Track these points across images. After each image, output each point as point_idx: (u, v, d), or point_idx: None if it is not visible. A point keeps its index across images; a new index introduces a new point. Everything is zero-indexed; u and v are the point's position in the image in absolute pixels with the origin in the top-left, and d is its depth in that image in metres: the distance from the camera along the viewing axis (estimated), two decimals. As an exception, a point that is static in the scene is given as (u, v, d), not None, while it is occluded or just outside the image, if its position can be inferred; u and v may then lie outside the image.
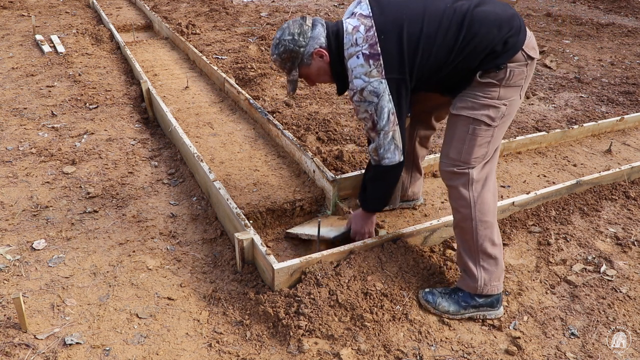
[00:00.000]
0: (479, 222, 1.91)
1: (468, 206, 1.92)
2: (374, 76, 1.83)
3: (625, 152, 3.42)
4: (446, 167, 1.95)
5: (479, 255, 1.95)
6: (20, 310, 1.78)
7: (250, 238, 2.10)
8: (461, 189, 1.91)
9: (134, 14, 6.75)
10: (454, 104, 1.93)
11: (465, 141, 1.89)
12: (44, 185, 2.73)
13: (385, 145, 1.94)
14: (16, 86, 4.03)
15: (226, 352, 1.79)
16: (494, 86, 1.84)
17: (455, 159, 1.91)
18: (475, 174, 1.91)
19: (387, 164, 1.97)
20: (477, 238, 1.92)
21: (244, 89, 4.13)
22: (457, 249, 2.02)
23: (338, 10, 7.32)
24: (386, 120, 1.88)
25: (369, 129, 1.94)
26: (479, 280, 1.95)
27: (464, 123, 1.89)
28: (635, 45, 6.04)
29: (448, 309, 1.97)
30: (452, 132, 1.94)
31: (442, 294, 2.00)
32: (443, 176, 2.00)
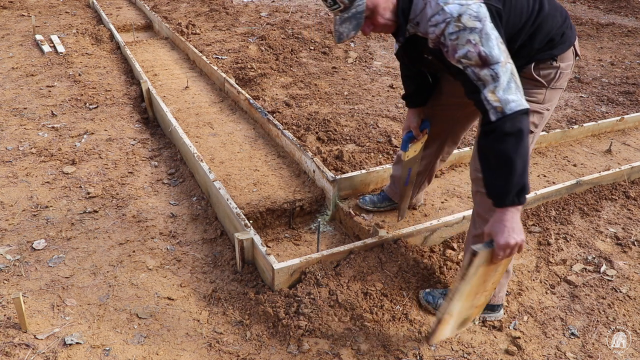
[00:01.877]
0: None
1: None
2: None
3: (625, 152, 3.42)
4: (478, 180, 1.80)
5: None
6: (20, 310, 1.78)
7: (250, 238, 2.10)
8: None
9: (134, 14, 6.75)
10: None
11: None
12: (44, 185, 2.73)
13: (504, 83, 1.49)
14: (16, 86, 4.03)
15: (226, 352, 1.79)
16: (541, 87, 1.77)
17: None
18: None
19: (515, 109, 1.48)
20: None
21: (244, 89, 4.13)
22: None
23: (338, 10, 7.31)
24: (497, 48, 1.49)
25: (477, 66, 1.50)
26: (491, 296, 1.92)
27: None
28: (635, 45, 6.04)
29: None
30: None
31: (443, 295, 2.00)
32: (477, 184, 1.85)
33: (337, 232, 2.55)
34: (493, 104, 1.50)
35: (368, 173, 2.70)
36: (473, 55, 1.49)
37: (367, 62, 5.10)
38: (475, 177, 1.89)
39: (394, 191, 2.51)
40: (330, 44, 5.51)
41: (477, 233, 1.91)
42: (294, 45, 5.32)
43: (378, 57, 5.29)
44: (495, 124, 1.50)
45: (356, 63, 5.06)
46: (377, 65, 5.03)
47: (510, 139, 1.50)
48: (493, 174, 1.56)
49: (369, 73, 4.79)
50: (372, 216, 2.56)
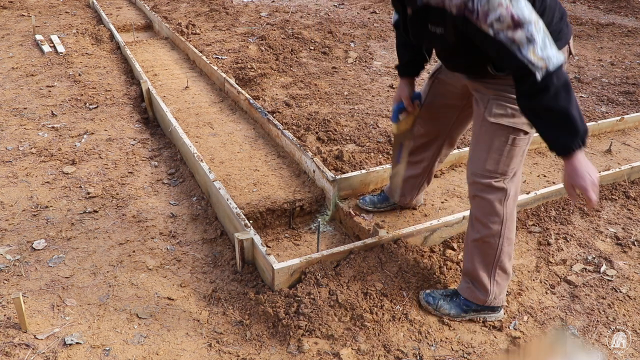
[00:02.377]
0: (506, 239, 1.89)
1: (500, 223, 1.86)
2: None
3: (625, 152, 3.42)
4: (482, 179, 1.82)
5: (495, 271, 1.92)
6: (20, 310, 1.78)
7: (250, 238, 2.10)
8: (496, 204, 1.83)
9: (134, 14, 6.75)
10: (490, 109, 1.78)
11: (504, 152, 1.77)
12: (44, 185, 2.73)
13: (540, 42, 1.47)
14: (16, 86, 4.03)
15: (226, 352, 1.79)
16: None
17: (493, 171, 1.80)
18: (512, 190, 1.84)
19: (557, 64, 1.49)
20: (499, 254, 1.89)
21: (244, 89, 4.13)
22: (471, 261, 1.94)
23: (338, 11, 7.32)
24: (527, 9, 1.47)
25: (509, 29, 1.47)
26: (490, 295, 1.93)
27: (503, 132, 1.76)
28: (635, 45, 6.04)
29: (449, 311, 1.96)
30: (488, 142, 1.79)
31: (443, 296, 1.99)
32: (475, 188, 1.85)
33: (337, 232, 2.55)
34: (538, 64, 1.47)
35: (368, 173, 2.70)
36: (505, 18, 1.45)
37: (367, 62, 5.10)
38: (472, 180, 1.87)
39: (394, 192, 2.51)
40: (330, 44, 5.51)
41: (475, 237, 1.90)
42: (294, 45, 5.32)
43: (378, 57, 5.29)
44: (544, 82, 1.48)
45: (356, 63, 5.06)
46: (377, 65, 5.03)
47: (561, 92, 1.50)
48: (553, 129, 1.55)
49: (369, 73, 4.79)
50: (372, 216, 2.56)
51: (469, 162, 1.89)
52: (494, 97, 1.77)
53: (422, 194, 2.56)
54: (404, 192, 2.47)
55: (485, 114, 1.79)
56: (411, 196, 2.50)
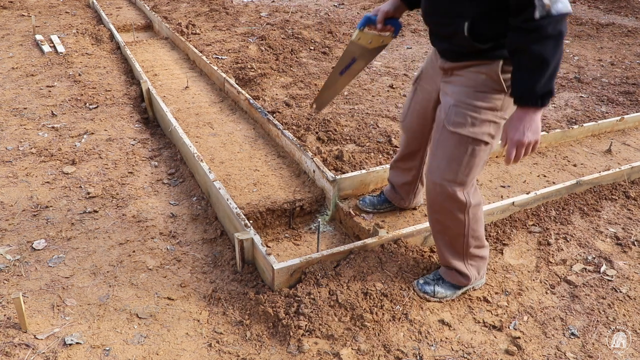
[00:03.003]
0: (471, 237, 1.93)
1: (463, 227, 1.89)
2: None
3: (625, 152, 3.42)
4: (441, 188, 1.81)
5: (467, 258, 1.99)
6: (20, 310, 1.78)
7: (250, 238, 2.10)
8: (457, 213, 1.85)
9: (134, 14, 6.75)
10: (449, 117, 1.74)
11: (463, 162, 1.75)
12: (44, 185, 2.73)
13: None
14: (16, 86, 4.03)
15: (226, 352, 1.79)
16: (499, 92, 1.69)
17: (451, 180, 1.78)
18: (474, 200, 1.84)
19: (561, 10, 1.41)
20: (467, 247, 1.95)
21: (244, 89, 4.13)
22: (442, 254, 2.00)
23: (338, 11, 7.32)
24: None
25: None
26: (471, 278, 2.02)
27: (462, 142, 1.73)
28: (635, 45, 6.04)
29: (445, 294, 2.02)
30: (447, 151, 1.76)
31: (435, 281, 2.04)
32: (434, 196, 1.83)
33: (337, 232, 2.55)
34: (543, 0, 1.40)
35: (368, 173, 2.71)
36: None
37: (367, 62, 5.09)
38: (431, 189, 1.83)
39: (393, 194, 2.52)
40: (330, 44, 5.51)
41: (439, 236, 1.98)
42: (294, 45, 5.32)
43: (378, 57, 5.29)
44: (539, 22, 1.42)
45: (356, 63, 5.05)
46: (377, 65, 5.03)
47: (550, 41, 1.44)
48: (523, 73, 1.51)
49: (369, 73, 4.79)
50: (372, 216, 2.56)
51: (427, 169, 1.86)
52: (455, 104, 1.74)
53: (420, 196, 2.56)
54: (402, 196, 2.49)
55: (445, 122, 1.76)
56: (409, 200, 2.51)
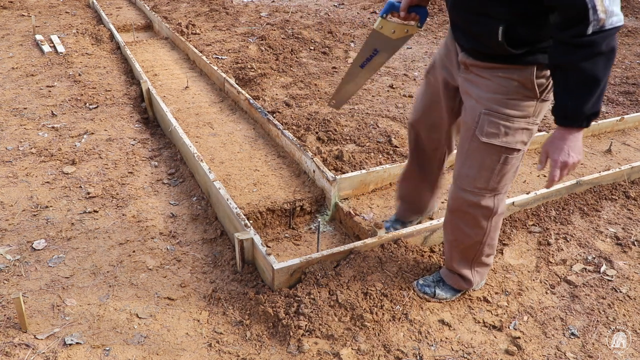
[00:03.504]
0: (487, 246, 1.93)
1: (483, 235, 1.86)
2: None
3: (625, 152, 3.42)
4: (470, 196, 1.76)
5: (475, 266, 1.99)
6: (20, 310, 1.78)
7: (250, 238, 2.10)
8: (481, 220, 1.81)
9: (134, 14, 6.75)
10: (481, 127, 1.65)
11: (495, 170, 1.70)
12: (44, 185, 2.73)
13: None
14: (16, 86, 4.03)
15: (226, 352, 1.79)
16: (532, 99, 1.61)
17: (483, 188, 1.74)
18: (500, 206, 1.80)
19: (615, 24, 1.30)
20: (479, 255, 1.95)
21: (244, 89, 4.13)
22: (450, 258, 1.99)
23: (338, 11, 7.32)
24: None
25: None
26: (473, 284, 2.04)
27: (495, 152, 1.67)
28: (635, 45, 6.04)
29: (445, 296, 2.03)
30: (479, 160, 1.70)
31: (435, 282, 2.04)
32: (460, 204, 1.79)
33: (337, 232, 2.55)
34: (599, 13, 1.26)
35: (368, 173, 2.71)
36: None
37: (367, 62, 5.09)
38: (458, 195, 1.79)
39: (402, 211, 2.41)
40: (330, 44, 5.51)
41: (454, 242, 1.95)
42: (294, 45, 5.32)
43: (378, 57, 5.28)
44: (591, 38, 1.29)
45: (356, 63, 5.05)
46: (377, 65, 5.02)
47: (602, 58, 1.32)
48: (570, 93, 1.40)
49: (369, 73, 4.78)
50: (372, 216, 2.56)
51: (456, 177, 1.80)
52: (486, 112, 1.65)
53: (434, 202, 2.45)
54: (418, 207, 2.39)
55: (476, 132, 1.68)
56: (429, 208, 2.43)
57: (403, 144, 3.30)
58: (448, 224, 1.94)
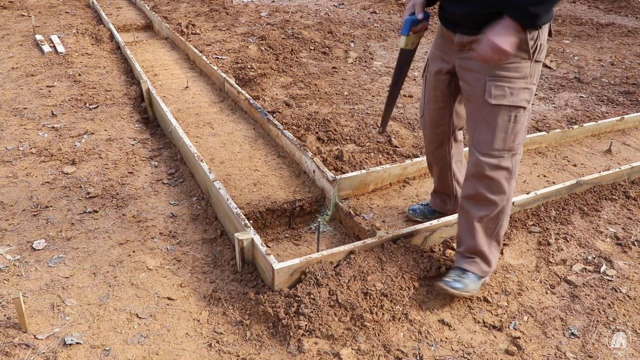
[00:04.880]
0: (506, 214, 2.02)
1: (504, 199, 1.97)
2: None
3: (625, 152, 3.42)
4: (491, 159, 1.90)
5: (492, 244, 2.06)
6: (20, 310, 1.78)
7: (250, 238, 2.10)
8: (503, 182, 1.93)
9: (134, 14, 6.75)
10: (489, 91, 1.85)
11: (509, 130, 1.87)
12: (44, 185, 2.73)
13: None
14: (16, 86, 4.03)
15: (226, 352, 1.79)
16: (525, 60, 1.82)
17: (501, 149, 1.89)
18: (516, 168, 1.94)
19: None
20: (499, 228, 2.03)
21: (244, 89, 4.13)
22: (475, 237, 2.02)
23: (338, 11, 7.32)
24: None
25: None
26: (492, 266, 2.08)
27: (505, 112, 1.86)
28: (635, 45, 6.04)
29: (476, 287, 2.05)
30: (492, 123, 1.88)
31: (460, 276, 2.05)
32: (483, 168, 1.92)
33: (337, 232, 2.55)
34: None
35: (368, 173, 2.71)
36: None
37: (367, 62, 5.10)
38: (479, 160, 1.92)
39: (435, 201, 2.52)
40: (330, 44, 5.51)
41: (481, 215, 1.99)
42: (294, 45, 5.32)
43: (378, 57, 5.29)
44: None
45: (356, 63, 5.06)
46: (377, 65, 5.03)
47: None
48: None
49: (369, 73, 4.79)
50: (372, 216, 2.56)
51: (474, 145, 1.94)
52: (490, 78, 1.84)
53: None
54: (443, 200, 2.50)
55: (485, 97, 1.86)
56: (450, 203, 2.49)
57: (403, 144, 3.30)
58: (471, 196, 1.99)
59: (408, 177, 2.90)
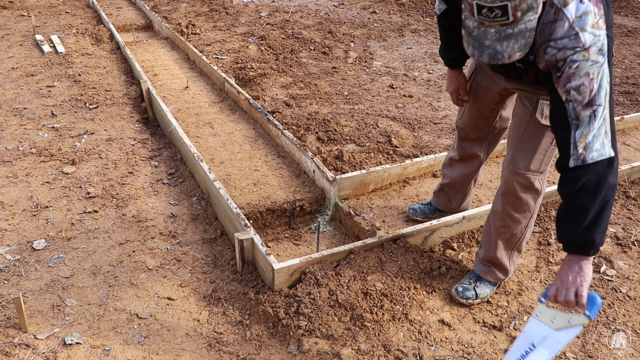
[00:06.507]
0: (529, 228, 2.00)
1: (529, 217, 1.96)
2: (601, 28, 1.41)
3: (625, 152, 3.42)
4: (523, 179, 1.85)
5: (514, 253, 2.06)
6: (20, 310, 1.78)
7: (250, 238, 2.10)
8: (530, 202, 1.92)
9: (134, 14, 6.75)
10: (541, 109, 1.76)
11: (548, 152, 1.83)
12: (44, 185, 2.73)
13: (596, 130, 1.42)
14: (16, 86, 4.03)
15: (226, 352, 1.79)
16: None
17: (535, 170, 1.85)
18: (544, 188, 1.91)
19: (596, 158, 1.43)
20: (521, 241, 2.02)
21: (244, 89, 4.13)
22: (494, 249, 2.02)
23: (338, 11, 7.32)
24: (604, 91, 1.43)
25: (581, 104, 1.42)
26: (510, 273, 2.09)
27: (550, 134, 1.78)
28: (635, 45, 6.04)
29: (488, 293, 2.07)
30: (535, 142, 1.81)
31: (473, 283, 2.06)
32: (513, 187, 1.87)
33: (337, 232, 2.55)
34: (579, 149, 1.43)
35: (368, 173, 2.71)
36: (585, 91, 1.41)
37: (367, 62, 5.10)
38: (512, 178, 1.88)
39: (439, 198, 2.51)
40: (330, 44, 5.51)
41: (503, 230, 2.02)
42: (294, 45, 5.32)
43: (378, 57, 5.29)
44: (573, 173, 1.46)
45: (356, 63, 5.06)
46: (377, 65, 5.03)
47: (587, 192, 1.45)
48: (562, 219, 1.54)
49: (369, 73, 4.79)
50: (372, 216, 2.56)
51: (510, 162, 1.87)
52: (544, 97, 1.75)
53: (469, 199, 2.52)
54: (449, 198, 2.48)
55: (536, 114, 1.78)
56: (456, 202, 2.49)
57: (403, 144, 3.30)
58: (498, 212, 1.98)
59: (408, 177, 2.90)
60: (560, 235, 1.54)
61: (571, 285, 1.48)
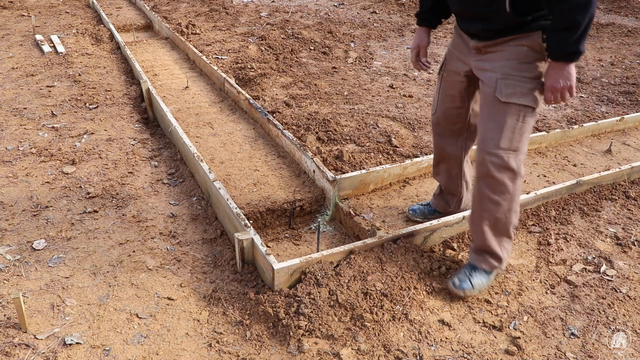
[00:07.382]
0: (513, 212, 2.02)
1: (510, 199, 1.98)
2: None
3: (625, 152, 3.42)
4: (495, 158, 1.90)
5: (503, 239, 2.07)
6: (20, 310, 1.78)
7: (250, 238, 2.10)
8: (507, 182, 1.94)
9: (134, 14, 6.75)
10: (500, 89, 1.87)
11: (516, 129, 1.88)
12: (44, 185, 2.73)
13: None
14: (16, 86, 4.03)
15: (226, 352, 1.79)
16: (540, 60, 1.85)
17: (507, 148, 1.89)
18: (521, 168, 1.95)
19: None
20: (507, 225, 2.04)
21: (244, 89, 4.13)
22: (482, 238, 2.04)
23: (338, 11, 7.32)
24: None
25: None
26: (503, 261, 2.10)
27: (514, 111, 1.86)
28: (635, 45, 6.04)
29: (485, 284, 2.08)
30: (500, 121, 1.88)
31: (469, 273, 2.06)
32: (488, 168, 1.92)
33: (337, 232, 2.55)
34: None
35: (368, 173, 2.71)
36: None
37: (367, 62, 5.10)
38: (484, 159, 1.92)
39: (438, 201, 2.52)
40: (330, 44, 5.51)
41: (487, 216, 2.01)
42: (294, 45, 5.32)
43: (378, 57, 5.29)
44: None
45: (356, 63, 5.06)
46: (377, 65, 5.03)
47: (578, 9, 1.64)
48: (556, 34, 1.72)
49: (369, 73, 4.79)
50: (372, 216, 2.56)
51: (481, 142, 1.95)
52: (502, 76, 1.87)
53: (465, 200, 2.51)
54: (446, 201, 2.50)
55: (496, 94, 1.88)
56: (453, 204, 2.50)
57: (403, 144, 3.30)
58: (477, 197, 2.01)
59: (408, 177, 2.90)
60: (552, 46, 1.74)
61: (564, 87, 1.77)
